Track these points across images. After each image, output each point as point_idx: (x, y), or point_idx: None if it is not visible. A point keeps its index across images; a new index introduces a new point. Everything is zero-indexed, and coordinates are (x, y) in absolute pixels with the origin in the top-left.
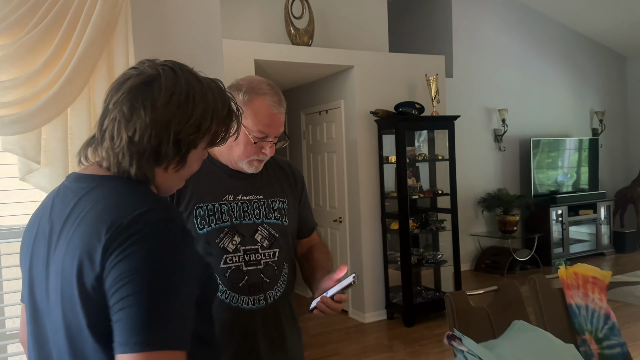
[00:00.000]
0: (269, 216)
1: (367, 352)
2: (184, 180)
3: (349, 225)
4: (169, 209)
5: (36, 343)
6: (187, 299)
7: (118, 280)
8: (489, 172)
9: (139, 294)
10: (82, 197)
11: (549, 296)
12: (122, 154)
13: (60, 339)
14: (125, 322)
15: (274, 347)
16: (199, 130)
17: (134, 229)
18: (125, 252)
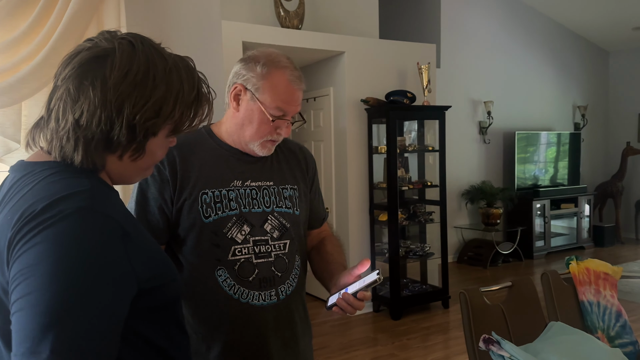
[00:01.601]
0: (279, 204)
1: (354, 346)
2: (149, 170)
3: (336, 216)
4: (97, 197)
5: None
6: (100, 307)
7: (17, 278)
8: (473, 165)
9: (34, 294)
10: (12, 186)
11: (562, 293)
12: (66, 138)
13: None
14: (18, 327)
15: (287, 348)
16: (158, 115)
17: (44, 217)
18: (29, 244)
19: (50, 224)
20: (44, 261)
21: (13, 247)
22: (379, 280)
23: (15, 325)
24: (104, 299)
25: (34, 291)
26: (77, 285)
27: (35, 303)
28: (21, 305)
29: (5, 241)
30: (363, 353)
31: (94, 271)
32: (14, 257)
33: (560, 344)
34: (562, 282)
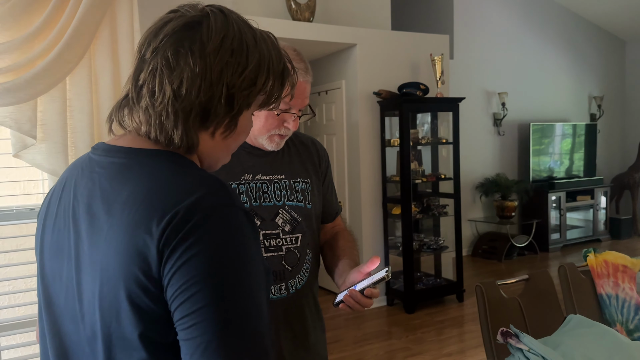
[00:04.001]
0: (290, 198)
1: (368, 339)
2: (230, 154)
3: (349, 209)
4: (226, 190)
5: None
6: (263, 299)
7: (183, 290)
8: (488, 157)
9: (211, 306)
10: (117, 176)
11: (580, 286)
12: (165, 113)
13: (98, 349)
14: (202, 338)
15: (297, 342)
16: (254, 85)
17: (194, 222)
18: (188, 254)
19: (205, 230)
20: (209, 271)
21: (168, 256)
22: (387, 277)
23: (197, 337)
24: (264, 291)
25: (209, 304)
26: (244, 288)
27: (213, 314)
28: (200, 317)
29: (150, 241)
30: (377, 347)
31: (253, 269)
32: (171, 266)
33: (580, 336)
34: (579, 275)
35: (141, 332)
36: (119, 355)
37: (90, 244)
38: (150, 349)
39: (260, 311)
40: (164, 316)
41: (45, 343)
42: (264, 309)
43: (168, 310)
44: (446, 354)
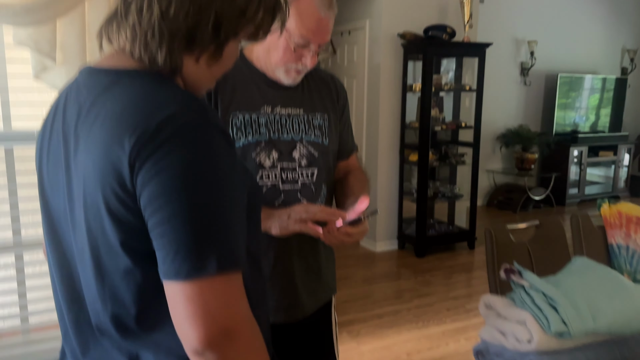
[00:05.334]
0: (308, 133)
1: (377, 279)
2: (214, 80)
3: (366, 154)
4: (201, 108)
5: (57, 261)
6: (236, 211)
7: (154, 200)
8: (511, 107)
9: (181, 215)
10: (99, 95)
11: (591, 234)
12: (151, 32)
13: (87, 257)
14: (170, 247)
15: (309, 272)
16: (244, 15)
17: (164, 136)
18: (158, 166)
19: (174, 144)
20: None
21: (139, 168)
22: (363, 218)
23: (168, 244)
24: (238, 203)
25: (179, 213)
26: (214, 197)
27: (184, 222)
28: (171, 226)
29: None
30: (385, 286)
31: (224, 181)
32: (142, 178)
33: (582, 277)
34: (591, 224)
35: (122, 240)
36: (106, 263)
37: (75, 160)
38: (133, 256)
39: (229, 224)
40: (141, 227)
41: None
42: (235, 223)
43: (144, 221)
44: (453, 297)
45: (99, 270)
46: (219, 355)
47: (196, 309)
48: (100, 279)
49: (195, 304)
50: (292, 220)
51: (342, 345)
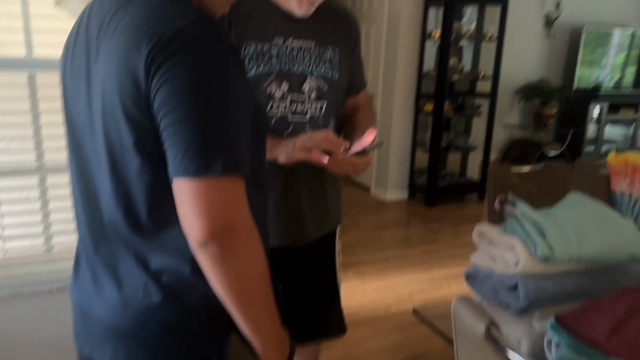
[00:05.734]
0: (319, 66)
1: (386, 226)
2: (229, 4)
3: (381, 103)
4: (214, 25)
5: (76, 166)
6: (241, 121)
7: (166, 103)
8: (533, 60)
9: (192, 117)
10: (120, 8)
11: (595, 182)
12: None
13: (103, 158)
14: (180, 147)
15: (315, 202)
16: None
17: (178, 44)
18: (171, 71)
19: (187, 52)
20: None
21: (153, 73)
22: (367, 150)
23: (177, 144)
24: (244, 115)
25: (188, 115)
26: (222, 104)
27: (192, 124)
28: (180, 127)
29: (139, 59)
30: (393, 232)
31: (233, 92)
32: (157, 82)
33: (574, 208)
34: (596, 171)
35: (135, 141)
36: (120, 163)
37: (96, 68)
38: (143, 157)
39: (236, 131)
40: (152, 129)
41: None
42: (241, 132)
43: (157, 123)
44: (459, 244)
45: (114, 171)
46: (219, 248)
47: (201, 204)
48: (115, 179)
49: (201, 199)
50: (297, 148)
51: (348, 283)
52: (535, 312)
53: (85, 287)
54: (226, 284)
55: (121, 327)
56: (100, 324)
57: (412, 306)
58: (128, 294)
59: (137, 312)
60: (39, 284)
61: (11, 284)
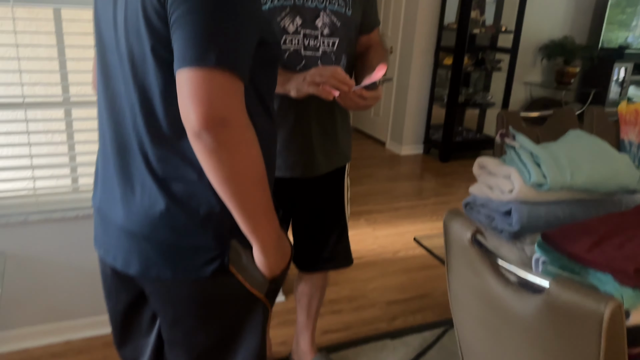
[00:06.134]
0: (332, 2)
1: (399, 178)
2: None
3: (400, 56)
4: None
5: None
6: (245, 29)
7: (178, 7)
8: (559, 17)
9: (196, 12)
10: None
11: (604, 129)
12: None
13: (126, 67)
14: (183, 39)
15: (326, 136)
16: None
17: None
18: None
19: None
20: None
21: None
22: (379, 83)
23: (182, 37)
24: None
25: (194, 10)
26: (228, 5)
27: (197, 19)
28: (185, 20)
29: None
30: (406, 184)
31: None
32: None
33: (572, 143)
34: (606, 120)
35: (152, 46)
36: (141, 70)
37: None
38: (160, 64)
39: (238, 34)
40: (167, 37)
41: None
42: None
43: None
44: None
45: (135, 80)
46: (212, 139)
47: (197, 93)
48: (137, 88)
49: (197, 88)
50: (307, 82)
51: (358, 229)
52: (527, 237)
53: (104, 195)
54: (221, 178)
55: (133, 229)
56: (116, 227)
57: (420, 253)
58: (140, 200)
59: (147, 217)
60: (66, 211)
61: (41, 210)
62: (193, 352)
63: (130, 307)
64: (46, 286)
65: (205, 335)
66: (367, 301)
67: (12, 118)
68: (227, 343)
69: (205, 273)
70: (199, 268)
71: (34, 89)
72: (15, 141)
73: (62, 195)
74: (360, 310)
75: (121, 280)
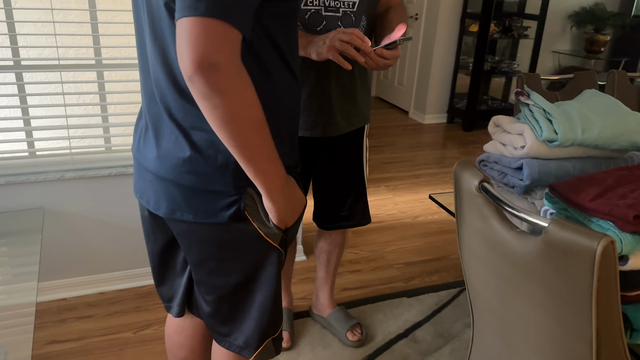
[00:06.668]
0: None
1: (421, 147)
2: None
3: (425, 23)
4: None
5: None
6: None
7: None
8: None
9: None
10: None
11: (626, 92)
12: None
13: (148, 24)
14: None
15: (345, 96)
16: None
17: None
18: None
19: None
20: None
21: None
22: (399, 42)
23: None
24: None
25: None
26: None
27: None
28: None
29: None
30: (428, 152)
31: None
32: None
33: (585, 101)
34: (628, 82)
35: (165, 1)
36: (158, 26)
37: None
38: (172, 16)
39: None
40: None
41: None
42: None
43: None
44: None
45: (154, 35)
46: (204, 83)
47: (190, 38)
48: (156, 43)
49: (189, 34)
50: (326, 46)
51: (378, 195)
52: (537, 192)
53: (139, 143)
54: (216, 122)
55: (162, 174)
56: (148, 172)
57: (439, 217)
58: (166, 147)
59: (172, 163)
60: (99, 169)
61: (76, 168)
62: (216, 292)
63: (166, 248)
64: (81, 240)
65: (225, 277)
66: (385, 262)
67: (48, 79)
68: (246, 284)
69: (223, 218)
70: (218, 212)
71: (68, 52)
72: (52, 102)
73: (95, 154)
74: (378, 270)
75: (156, 222)
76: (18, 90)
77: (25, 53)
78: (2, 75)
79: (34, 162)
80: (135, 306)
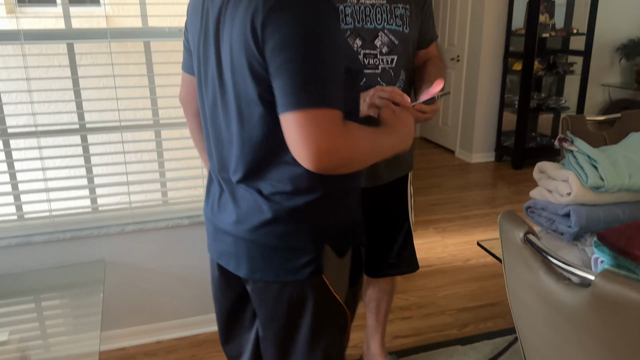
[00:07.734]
0: (390, 22)
1: (470, 187)
2: None
3: (467, 64)
4: None
5: (204, 112)
6: (336, 65)
7: (274, 50)
8: (635, 15)
9: (292, 61)
10: None
11: None
12: None
13: (231, 108)
14: (283, 87)
15: None
16: None
17: (284, 1)
18: (279, 23)
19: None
20: (294, 36)
21: (265, 29)
22: (437, 97)
23: (282, 85)
24: (339, 59)
25: (290, 59)
26: (320, 50)
27: (294, 67)
28: (283, 69)
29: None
30: (477, 193)
31: (329, 40)
32: (268, 34)
33: (630, 145)
34: None
35: (259, 93)
36: (245, 109)
37: (224, 28)
38: (265, 105)
39: (330, 72)
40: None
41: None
42: (334, 73)
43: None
44: None
45: (239, 117)
46: (331, 167)
47: (301, 133)
48: (241, 124)
49: (300, 129)
50: (367, 104)
51: (427, 238)
52: (587, 238)
53: (213, 205)
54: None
55: (241, 234)
56: (226, 234)
57: (491, 261)
58: (245, 211)
59: (252, 225)
60: (157, 221)
61: (135, 221)
62: (282, 348)
63: (236, 305)
64: (140, 290)
65: (292, 334)
66: (437, 308)
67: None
68: (312, 341)
69: (303, 275)
70: (298, 270)
71: (126, 114)
72: (113, 160)
73: (153, 208)
74: (430, 317)
75: (229, 280)
76: (83, 151)
77: (89, 116)
78: (69, 138)
79: (96, 217)
80: (191, 355)
